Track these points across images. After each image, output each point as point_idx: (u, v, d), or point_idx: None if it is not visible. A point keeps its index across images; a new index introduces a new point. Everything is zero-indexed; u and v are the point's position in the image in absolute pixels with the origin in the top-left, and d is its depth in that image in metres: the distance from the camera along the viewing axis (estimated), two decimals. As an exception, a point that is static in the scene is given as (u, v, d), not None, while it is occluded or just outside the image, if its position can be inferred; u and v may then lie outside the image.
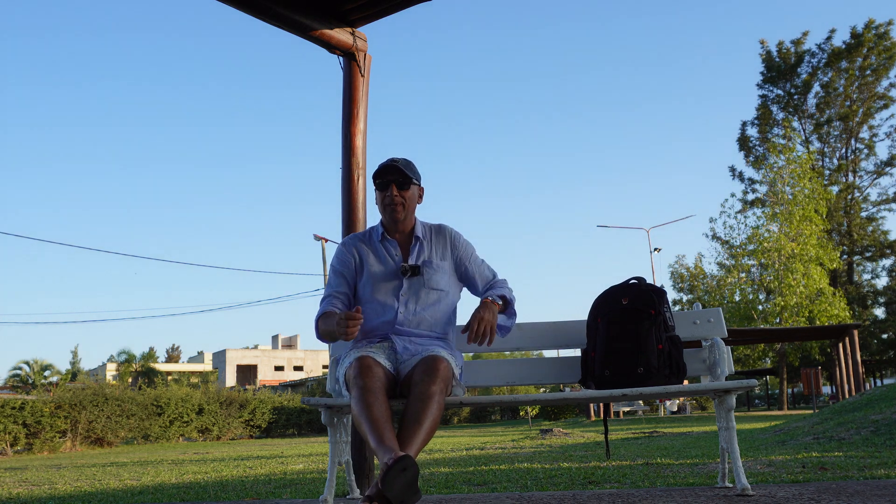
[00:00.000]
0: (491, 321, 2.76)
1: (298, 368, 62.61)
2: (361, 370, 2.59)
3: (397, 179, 2.92)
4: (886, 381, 45.80)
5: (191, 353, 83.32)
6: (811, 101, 38.75)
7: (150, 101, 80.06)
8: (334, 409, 2.92)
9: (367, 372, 2.58)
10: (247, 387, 36.86)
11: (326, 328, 2.83)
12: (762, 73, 39.77)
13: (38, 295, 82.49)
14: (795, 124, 38.53)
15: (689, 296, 34.71)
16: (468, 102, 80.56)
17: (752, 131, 39.91)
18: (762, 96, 39.90)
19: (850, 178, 38.49)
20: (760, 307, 31.17)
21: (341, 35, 4.13)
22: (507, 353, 14.94)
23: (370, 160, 4.17)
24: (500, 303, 2.91)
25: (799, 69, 38.61)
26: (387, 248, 3.01)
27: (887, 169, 37.64)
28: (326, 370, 38.32)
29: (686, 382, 3.19)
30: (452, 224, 3.14)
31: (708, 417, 21.67)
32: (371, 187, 3.05)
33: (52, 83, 77.24)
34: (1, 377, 47.30)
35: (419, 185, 3.03)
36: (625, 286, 3.11)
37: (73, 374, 51.43)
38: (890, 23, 35.88)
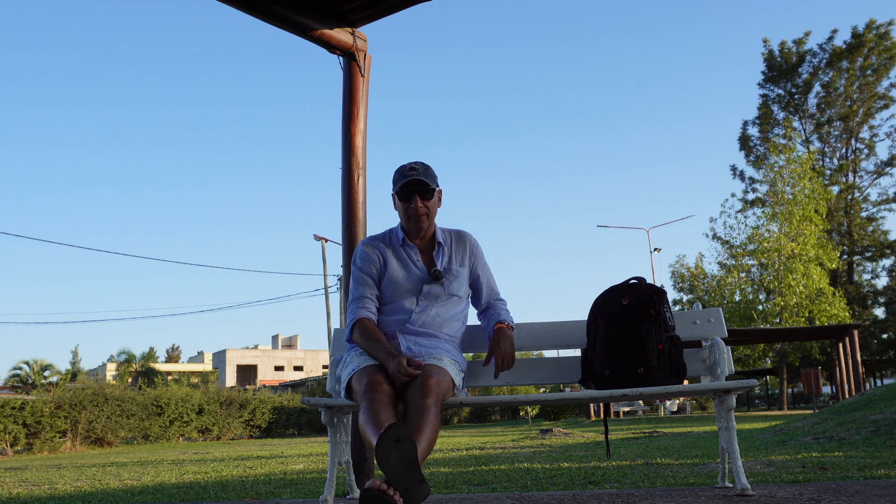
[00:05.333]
0: (511, 351, 2.96)
1: (298, 368, 62.59)
2: (370, 386, 2.60)
3: (421, 190, 2.92)
4: (886, 381, 45.79)
5: (191, 353, 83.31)
6: (812, 100, 38.77)
7: (149, 101, 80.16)
8: (334, 409, 2.92)
9: (377, 388, 2.59)
10: (247, 387, 36.83)
11: (369, 349, 2.83)
12: (763, 72, 39.80)
13: (38, 295, 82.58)
14: (796, 124, 38.53)
15: (689, 296, 34.70)
16: (468, 102, 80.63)
17: (753, 131, 39.97)
18: (763, 96, 39.94)
19: (851, 178, 38.50)
20: (760, 307, 31.15)
21: (341, 35, 4.13)
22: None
23: (370, 160, 4.18)
24: (513, 326, 3.08)
25: (800, 69, 38.61)
26: (408, 252, 3.02)
27: (887, 169, 37.67)
28: (326, 370, 38.28)
29: (686, 382, 3.19)
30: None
31: (708, 417, 21.65)
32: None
33: (52, 83, 77.32)
34: (1, 377, 47.30)
35: (438, 189, 3.02)
36: (625, 286, 3.11)
37: (73, 374, 51.35)
38: (890, 23, 35.89)
